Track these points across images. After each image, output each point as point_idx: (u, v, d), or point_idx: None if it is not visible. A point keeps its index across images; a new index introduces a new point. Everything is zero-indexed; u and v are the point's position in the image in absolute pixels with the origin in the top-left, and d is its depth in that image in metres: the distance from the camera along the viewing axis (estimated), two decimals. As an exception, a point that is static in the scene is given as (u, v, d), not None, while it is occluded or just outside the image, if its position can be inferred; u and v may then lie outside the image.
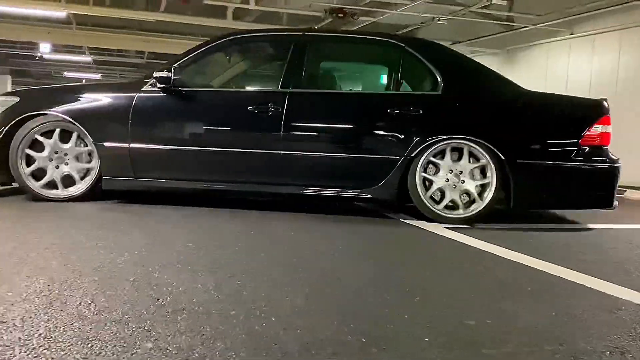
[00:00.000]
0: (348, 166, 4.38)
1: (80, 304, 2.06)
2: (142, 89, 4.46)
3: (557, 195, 4.42)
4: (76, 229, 3.48)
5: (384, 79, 5.18)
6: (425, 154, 4.25)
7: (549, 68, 11.28)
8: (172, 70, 4.33)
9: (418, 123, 4.31)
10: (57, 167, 4.46)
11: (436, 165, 4.28)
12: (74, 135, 4.45)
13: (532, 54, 11.82)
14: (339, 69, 5.74)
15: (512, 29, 11.52)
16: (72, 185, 4.49)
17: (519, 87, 4.53)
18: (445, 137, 4.24)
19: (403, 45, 4.61)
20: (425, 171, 4.27)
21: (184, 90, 4.45)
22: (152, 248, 3.04)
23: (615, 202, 4.35)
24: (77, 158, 4.49)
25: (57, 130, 4.44)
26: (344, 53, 5.30)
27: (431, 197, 4.29)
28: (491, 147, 4.21)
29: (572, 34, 10.63)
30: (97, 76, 23.81)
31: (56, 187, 4.48)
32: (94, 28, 14.06)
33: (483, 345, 1.88)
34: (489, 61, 12.83)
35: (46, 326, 1.83)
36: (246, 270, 2.67)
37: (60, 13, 11.67)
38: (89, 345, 1.70)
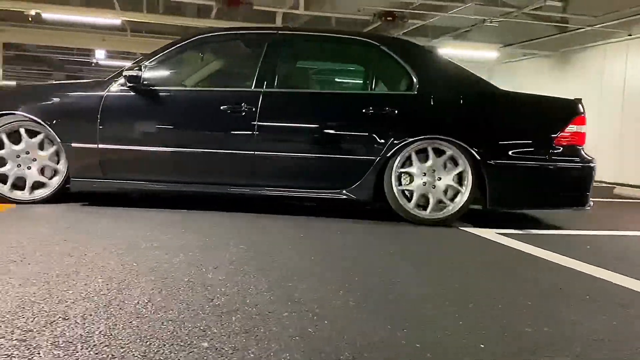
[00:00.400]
0: (323, 167, 4.34)
1: (138, 302, 2.12)
2: (111, 88, 4.36)
3: (532, 195, 4.39)
4: (134, 230, 3.57)
5: (359, 79, 5.10)
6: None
7: (605, 70, 10.95)
8: (142, 69, 4.26)
9: (393, 123, 4.27)
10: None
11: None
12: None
13: (587, 56, 11.50)
14: (314, 68, 5.68)
15: (566, 30, 11.24)
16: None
17: (496, 87, 4.49)
18: (420, 137, 4.21)
19: (378, 44, 4.57)
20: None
21: (154, 90, 4.36)
22: (206, 250, 3.09)
23: (590, 202, 4.29)
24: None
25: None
26: (318, 52, 5.22)
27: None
28: (466, 147, 4.17)
29: (630, 35, 10.29)
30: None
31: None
32: (147, 35, 14.44)
33: (541, 354, 1.84)
34: (542, 64, 12.58)
35: (106, 324, 1.88)
36: (297, 272, 2.68)
37: (115, 20, 12.02)
38: (147, 343, 1.74)
